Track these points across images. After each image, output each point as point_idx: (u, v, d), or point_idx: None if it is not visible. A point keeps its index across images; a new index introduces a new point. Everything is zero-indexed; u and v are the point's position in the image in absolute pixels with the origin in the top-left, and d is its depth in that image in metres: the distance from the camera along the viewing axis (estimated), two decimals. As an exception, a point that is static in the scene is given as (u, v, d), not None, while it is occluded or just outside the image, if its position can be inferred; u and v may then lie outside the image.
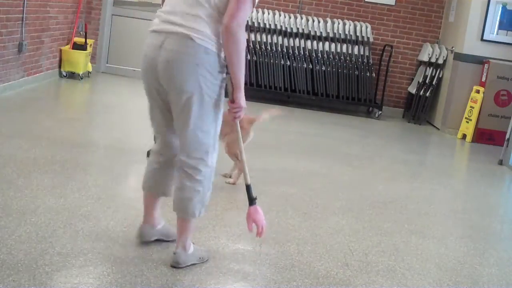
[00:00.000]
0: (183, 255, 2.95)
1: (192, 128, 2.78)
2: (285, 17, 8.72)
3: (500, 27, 7.99)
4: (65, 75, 8.18)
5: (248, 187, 3.05)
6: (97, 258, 2.94)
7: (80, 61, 8.15)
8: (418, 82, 8.77)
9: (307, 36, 8.70)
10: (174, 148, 2.99)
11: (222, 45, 2.72)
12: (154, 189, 3.10)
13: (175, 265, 2.94)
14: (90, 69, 8.61)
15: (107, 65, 9.14)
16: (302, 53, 8.67)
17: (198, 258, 3.03)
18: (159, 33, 2.78)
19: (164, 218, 3.29)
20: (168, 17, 2.77)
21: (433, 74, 8.65)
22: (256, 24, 8.65)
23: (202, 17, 2.70)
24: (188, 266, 2.97)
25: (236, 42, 2.65)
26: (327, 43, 8.72)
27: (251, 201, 3.04)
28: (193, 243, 3.06)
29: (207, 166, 2.86)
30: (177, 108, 2.79)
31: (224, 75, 2.81)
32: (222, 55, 2.76)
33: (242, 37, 2.68)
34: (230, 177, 4.47)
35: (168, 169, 3.04)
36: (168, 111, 2.89)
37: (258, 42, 8.63)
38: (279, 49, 8.65)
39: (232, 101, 2.86)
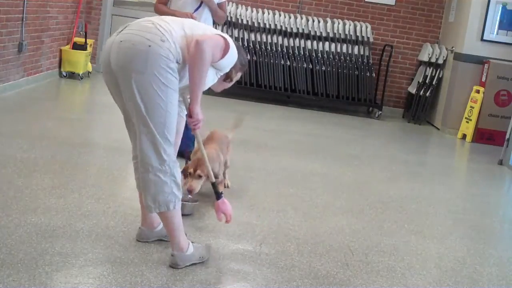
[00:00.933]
0: (180, 256, 2.94)
1: (141, 112, 2.75)
2: (285, 17, 8.72)
3: (500, 27, 7.99)
4: (65, 75, 8.18)
5: (213, 184, 3.25)
6: (97, 258, 2.94)
7: (80, 61, 8.15)
8: (418, 82, 8.78)
9: (307, 36, 8.71)
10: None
11: (186, 55, 2.80)
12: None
13: (174, 266, 2.94)
14: (90, 69, 8.61)
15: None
16: (302, 53, 8.67)
17: (199, 258, 3.01)
18: (121, 29, 2.90)
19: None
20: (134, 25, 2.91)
21: (433, 74, 8.65)
22: (256, 24, 8.66)
23: (172, 31, 2.82)
24: (187, 266, 2.97)
25: (202, 58, 2.74)
26: (327, 43, 8.72)
27: (218, 195, 3.21)
28: (193, 242, 3.05)
29: (165, 157, 2.81)
30: (125, 88, 2.77)
31: (177, 65, 2.80)
32: (178, 47, 2.78)
33: (208, 56, 2.77)
34: (225, 186, 4.40)
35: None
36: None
37: (258, 42, 8.63)
38: (279, 49, 8.65)
39: (190, 115, 2.91)
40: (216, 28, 3.71)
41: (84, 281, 2.70)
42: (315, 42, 8.71)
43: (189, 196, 3.75)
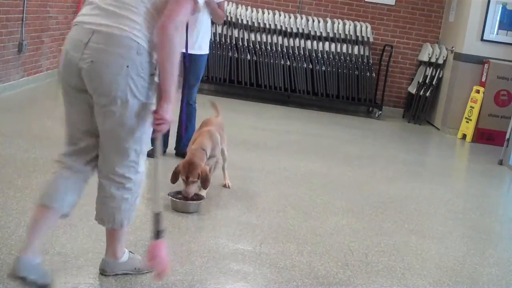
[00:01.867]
0: (111, 263, 2.74)
1: (120, 134, 2.48)
2: (285, 17, 8.72)
3: (500, 27, 7.98)
4: (65, 75, 8.17)
5: (157, 216, 2.63)
6: (97, 258, 2.93)
7: (80, 61, 8.13)
8: (418, 82, 8.77)
9: (307, 36, 8.70)
10: (89, 156, 2.61)
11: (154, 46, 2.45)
12: (53, 202, 2.56)
13: (101, 272, 2.75)
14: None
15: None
16: (302, 53, 8.67)
17: (133, 269, 2.79)
18: (85, 28, 2.43)
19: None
20: (98, 9, 2.45)
21: (433, 74, 8.65)
22: (256, 24, 8.65)
23: (136, 11, 2.41)
24: (118, 274, 2.76)
25: (171, 46, 2.37)
26: (327, 43, 8.72)
27: (158, 233, 2.61)
28: (131, 252, 2.85)
29: (137, 173, 2.59)
30: (101, 112, 2.46)
31: (156, 78, 2.52)
32: (155, 55, 2.48)
33: (178, 41, 2.39)
34: (225, 185, 4.40)
35: (78, 179, 2.62)
36: (88, 114, 2.54)
37: (258, 42, 8.63)
38: (279, 49, 8.65)
39: (156, 111, 2.50)
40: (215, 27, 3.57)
41: (84, 281, 2.70)
42: (315, 42, 8.70)
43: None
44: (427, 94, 8.64)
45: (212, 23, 4.91)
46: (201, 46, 4.82)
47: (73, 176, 2.59)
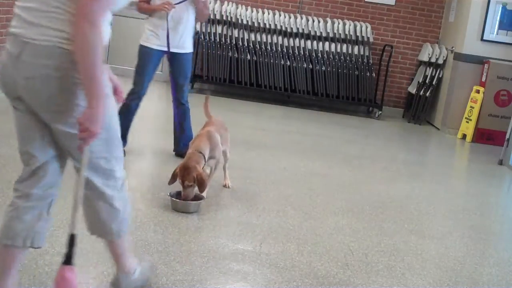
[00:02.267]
0: (125, 279, 2.55)
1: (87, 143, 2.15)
2: (285, 17, 8.72)
3: (500, 27, 7.99)
4: (65, 75, 8.16)
5: (71, 238, 2.30)
6: (97, 258, 2.94)
7: (80, 61, 8.13)
8: (418, 82, 8.77)
9: (307, 36, 8.70)
10: (49, 176, 2.33)
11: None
12: (21, 240, 2.32)
13: None
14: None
15: (107, 64, 9.13)
16: (302, 53, 8.67)
17: (146, 279, 2.68)
18: (16, 38, 2.19)
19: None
20: (23, 14, 2.22)
21: (433, 74, 8.65)
22: (256, 24, 8.65)
23: (59, 12, 2.09)
24: None
25: (85, 42, 2.00)
26: (327, 43, 8.72)
27: (68, 258, 2.29)
28: (139, 263, 2.66)
29: (116, 179, 2.33)
30: (56, 127, 2.18)
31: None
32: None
33: (93, 37, 2.01)
34: (225, 186, 4.41)
35: (41, 208, 2.36)
36: (41, 127, 2.27)
37: (258, 42, 8.63)
38: (279, 49, 8.65)
39: (78, 120, 2.07)
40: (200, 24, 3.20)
41: (84, 281, 2.69)
42: (315, 42, 8.70)
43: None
44: (427, 94, 8.64)
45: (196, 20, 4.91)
46: (184, 44, 4.81)
47: (37, 205, 2.35)
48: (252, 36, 8.65)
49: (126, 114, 4.68)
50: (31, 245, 2.36)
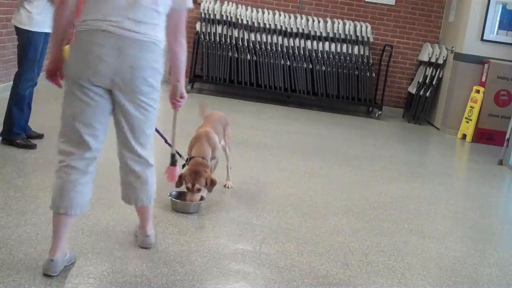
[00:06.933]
0: (154, 236, 3.20)
1: (149, 123, 2.97)
2: (285, 17, 8.72)
3: (500, 27, 7.99)
4: (65, 75, 8.17)
5: (173, 156, 3.43)
6: (97, 258, 2.94)
7: (80, 61, 8.13)
8: (418, 82, 8.78)
9: (307, 36, 8.71)
10: (94, 150, 2.91)
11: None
12: (78, 206, 2.78)
13: (149, 247, 3.14)
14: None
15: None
16: (302, 53, 8.67)
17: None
18: (113, 35, 2.71)
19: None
20: (119, 22, 2.71)
21: (433, 74, 8.65)
22: (256, 24, 8.65)
23: (154, 22, 2.80)
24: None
25: (184, 50, 3.02)
26: (327, 43, 8.72)
27: (173, 161, 3.43)
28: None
29: (151, 155, 3.07)
30: (132, 108, 2.87)
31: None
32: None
33: (186, 47, 3.04)
34: (226, 186, 4.41)
35: (88, 176, 2.88)
36: (106, 112, 2.88)
37: (258, 42, 8.63)
38: (279, 49, 8.65)
39: (182, 91, 3.15)
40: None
41: (84, 281, 2.70)
42: (315, 42, 8.71)
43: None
44: (427, 94, 8.65)
45: None
46: None
47: (87, 174, 2.86)
48: (252, 36, 8.65)
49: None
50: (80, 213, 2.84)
